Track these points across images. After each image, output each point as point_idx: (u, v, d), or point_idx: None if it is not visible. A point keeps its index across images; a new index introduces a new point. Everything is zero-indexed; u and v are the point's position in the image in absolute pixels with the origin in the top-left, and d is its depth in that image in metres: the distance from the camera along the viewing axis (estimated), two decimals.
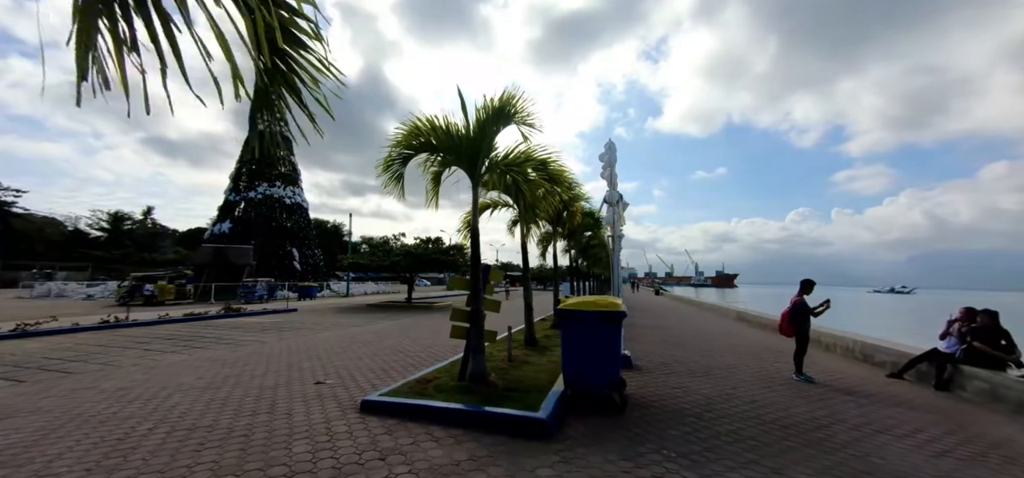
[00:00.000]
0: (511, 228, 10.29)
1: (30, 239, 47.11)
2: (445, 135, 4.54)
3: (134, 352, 8.22)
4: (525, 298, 8.25)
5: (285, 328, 12.15)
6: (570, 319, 4.65)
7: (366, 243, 24.03)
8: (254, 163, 37.10)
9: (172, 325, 12.59)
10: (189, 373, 6.47)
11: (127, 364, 7.12)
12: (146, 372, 6.56)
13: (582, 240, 16.63)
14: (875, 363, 8.01)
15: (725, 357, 8.39)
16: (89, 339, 9.72)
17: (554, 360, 6.94)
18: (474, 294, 4.89)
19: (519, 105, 4.40)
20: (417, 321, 14.33)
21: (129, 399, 5.14)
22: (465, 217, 8.01)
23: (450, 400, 4.35)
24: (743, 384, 6.25)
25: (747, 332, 12.86)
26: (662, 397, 5.42)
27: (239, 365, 7.05)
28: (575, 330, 4.65)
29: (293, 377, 6.26)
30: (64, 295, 29.29)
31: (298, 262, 35.72)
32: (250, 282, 25.98)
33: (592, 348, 4.60)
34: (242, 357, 7.75)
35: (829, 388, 6.18)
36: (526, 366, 6.31)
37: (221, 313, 15.23)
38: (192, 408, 4.79)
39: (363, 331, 11.55)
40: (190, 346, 8.91)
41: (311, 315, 16.31)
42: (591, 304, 4.63)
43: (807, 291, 6.70)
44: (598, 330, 4.58)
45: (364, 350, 8.53)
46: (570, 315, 4.64)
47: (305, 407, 4.82)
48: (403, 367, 6.94)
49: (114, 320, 12.11)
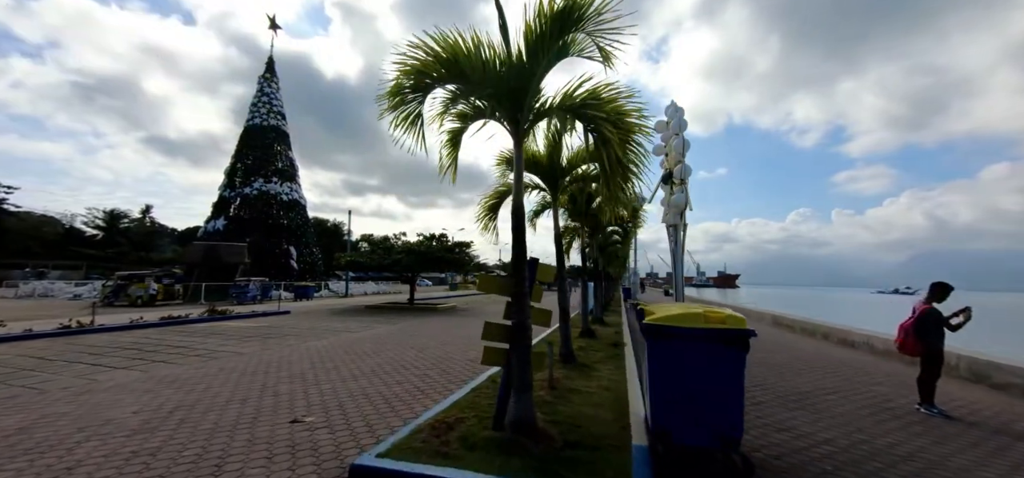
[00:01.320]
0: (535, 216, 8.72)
1: (24, 238, 45.77)
2: (477, 62, 2.92)
3: (78, 368, 6.67)
4: (560, 302, 6.67)
5: (271, 335, 10.59)
6: (665, 339, 3.07)
7: (366, 241, 22.44)
8: (250, 158, 35.57)
9: (143, 331, 11.03)
10: (128, 402, 4.91)
11: (56, 388, 5.56)
12: (72, 400, 5.00)
13: (605, 235, 15.03)
14: (995, 385, 6.43)
15: (803, 376, 6.80)
16: (35, 349, 8.18)
17: (605, 385, 5.36)
18: (517, 301, 3.31)
19: (593, 6, 2.78)
20: (421, 325, 12.76)
21: (16, 451, 3.58)
22: (486, 200, 6.41)
23: (490, 471, 2.77)
24: (863, 422, 4.67)
25: (794, 340, 11.28)
26: (778, 447, 3.84)
27: (199, 389, 5.48)
28: (673, 356, 3.08)
29: (263, 408, 4.69)
30: (49, 295, 27.82)
31: (295, 261, 34.16)
32: (242, 282, 24.43)
33: (700, 384, 3.03)
34: (207, 376, 6.19)
35: (978, 427, 4.60)
36: (574, 396, 4.73)
37: (203, 316, 13.68)
38: (99, 469, 3.23)
39: (360, 338, 9.99)
40: (150, 359, 7.35)
41: (304, 318, 14.75)
42: (696, 318, 3.06)
43: (940, 297, 5.10)
44: (712, 358, 3.01)
45: (360, 366, 6.96)
46: (665, 334, 3.07)
47: (266, 470, 3.25)
48: (409, 393, 5.37)
49: (76, 325, 10.57)
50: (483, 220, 6.39)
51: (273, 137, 36.79)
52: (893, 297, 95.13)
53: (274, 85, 38.38)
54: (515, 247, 3.39)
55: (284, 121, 38.18)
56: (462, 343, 9.36)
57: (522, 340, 3.28)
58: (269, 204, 34.76)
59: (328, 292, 35.34)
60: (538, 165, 6.43)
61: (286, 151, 37.79)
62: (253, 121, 36.64)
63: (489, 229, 6.42)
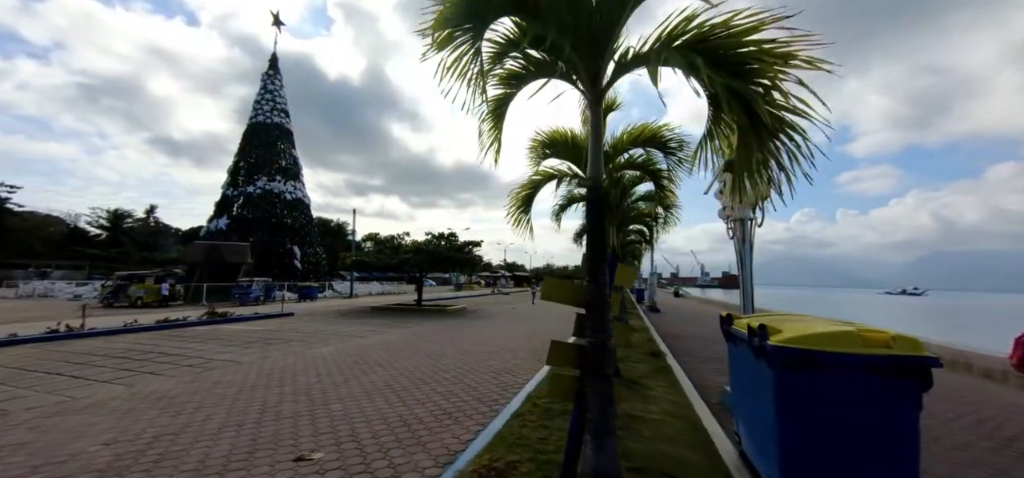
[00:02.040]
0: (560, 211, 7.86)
1: (27, 237, 45.42)
2: None
3: (55, 381, 5.89)
4: None
5: (274, 340, 9.80)
6: (812, 370, 2.23)
7: (372, 240, 21.66)
8: (253, 155, 34.90)
9: (136, 335, 10.28)
10: (102, 428, 4.11)
11: (22, 408, 4.77)
12: (37, 426, 4.20)
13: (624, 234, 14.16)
14: None
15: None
16: (14, 357, 7.41)
17: (669, 410, 4.51)
18: (595, 314, 2.47)
19: None
20: (432, 329, 11.94)
21: None
22: (518, 191, 5.56)
23: None
24: None
25: None
26: None
27: (188, 410, 4.68)
28: (820, 395, 2.23)
29: (261, 439, 3.88)
30: (50, 295, 27.29)
31: (299, 261, 33.46)
32: (245, 282, 23.72)
33: (859, 435, 2.19)
34: (200, 392, 5.39)
35: None
36: (640, 425, 3.88)
37: (202, 319, 12.92)
38: None
39: (370, 344, 9.18)
40: (137, 371, 6.57)
41: (308, 321, 13.97)
42: (848, 340, 2.22)
43: None
44: (876, 397, 2.17)
45: (373, 379, 6.14)
46: (816, 362, 2.22)
47: None
48: (435, 417, 4.54)
49: (64, 329, 9.83)
50: (515, 215, 5.55)
51: (277, 135, 36.11)
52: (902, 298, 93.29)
53: (278, 82, 37.71)
54: (591, 242, 2.55)
55: (288, 119, 37.50)
56: (481, 351, 8.53)
57: (603, 368, 2.44)
58: (273, 203, 34.06)
59: (332, 293, 34.63)
60: (577, 148, 5.60)
61: (290, 149, 37.08)
62: (257, 118, 35.97)
63: (521, 224, 5.58)
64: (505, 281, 58.46)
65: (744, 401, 3.21)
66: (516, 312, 19.28)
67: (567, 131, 5.54)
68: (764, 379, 2.53)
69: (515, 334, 11.33)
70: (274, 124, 36.15)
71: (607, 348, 2.48)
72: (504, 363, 7.23)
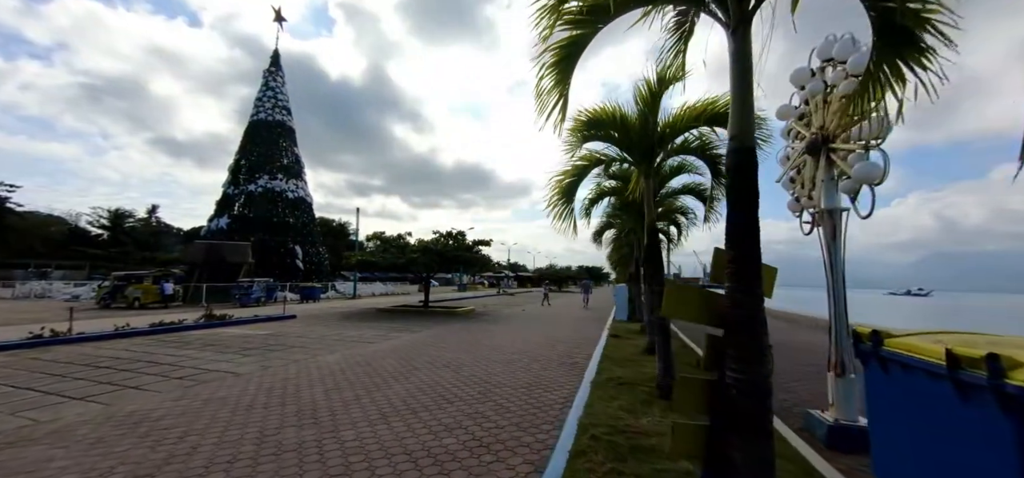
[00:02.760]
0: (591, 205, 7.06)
1: (28, 237, 44.90)
2: None
3: (24, 398, 5.12)
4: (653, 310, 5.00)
5: (274, 346, 9.02)
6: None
7: (377, 239, 20.88)
8: (255, 154, 34.19)
9: (128, 340, 9.52)
10: (59, 468, 3.32)
11: None
12: None
13: None
14: None
15: None
16: None
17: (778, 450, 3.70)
18: (743, 335, 1.67)
19: None
20: (444, 334, 11.14)
21: None
22: (560, 179, 4.76)
23: None
24: None
25: None
26: None
27: (170, 440, 3.89)
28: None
29: None
30: (47, 295, 26.63)
31: (301, 261, 32.72)
32: (246, 282, 22.99)
33: None
34: (187, 413, 4.60)
35: None
36: None
37: (199, 322, 12.15)
38: None
39: (380, 351, 8.38)
40: (121, 385, 5.79)
41: (311, 324, 13.19)
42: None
43: None
44: None
45: (389, 396, 5.34)
46: None
47: None
48: (469, 449, 3.73)
49: (49, 333, 9.07)
50: (556, 207, 4.75)
51: (278, 133, 35.39)
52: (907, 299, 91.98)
53: (279, 79, 37.00)
54: (738, 234, 1.75)
55: (289, 116, 36.77)
56: (503, 360, 7.72)
57: (760, 420, 1.64)
58: (274, 201, 33.34)
59: (335, 293, 33.91)
60: (626, 129, 4.80)
61: (291, 147, 36.36)
62: (258, 116, 35.26)
63: (563, 217, 4.77)
64: (508, 281, 57.64)
65: (916, 446, 2.38)
66: (527, 314, 18.48)
67: (615, 108, 4.74)
68: (987, 430, 1.72)
69: (534, 339, 10.53)
70: (276, 122, 35.44)
71: (760, 387, 1.67)
72: (533, 376, 6.43)
